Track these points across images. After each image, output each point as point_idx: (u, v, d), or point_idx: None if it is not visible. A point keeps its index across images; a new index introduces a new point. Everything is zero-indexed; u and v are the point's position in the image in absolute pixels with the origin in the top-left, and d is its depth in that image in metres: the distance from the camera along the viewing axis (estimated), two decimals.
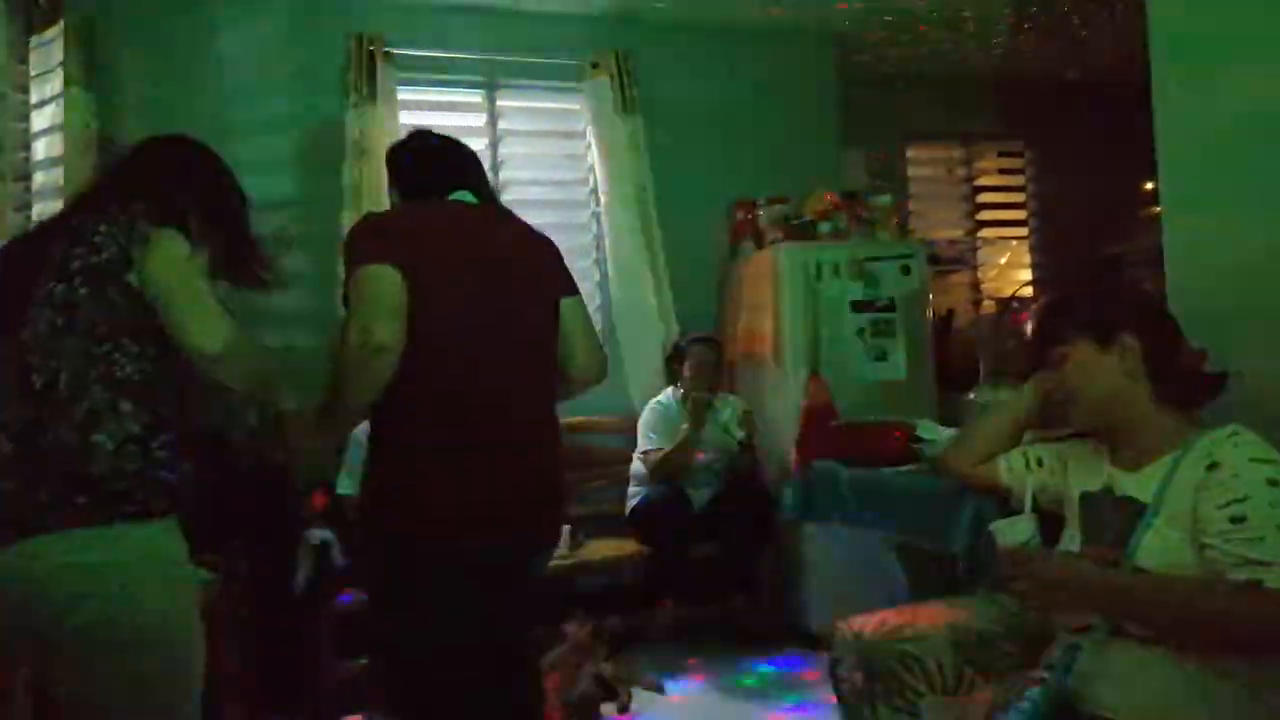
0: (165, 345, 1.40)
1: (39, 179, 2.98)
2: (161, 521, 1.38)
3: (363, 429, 1.78)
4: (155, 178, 1.53)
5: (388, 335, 1.49)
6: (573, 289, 1.77)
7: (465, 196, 1.74)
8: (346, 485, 2.97)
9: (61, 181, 2.89)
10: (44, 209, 2.96)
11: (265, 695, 2.80)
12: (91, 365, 1.35)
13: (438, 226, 1.67)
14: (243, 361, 1.44)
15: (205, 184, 1.58)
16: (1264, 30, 1.82)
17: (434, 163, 1.78)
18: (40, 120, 3.00)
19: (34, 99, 3.01)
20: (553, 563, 1.98)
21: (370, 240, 1.59)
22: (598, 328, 2.15)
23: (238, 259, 1.58)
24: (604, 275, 3.86)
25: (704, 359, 3.46)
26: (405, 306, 1.52)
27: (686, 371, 3.46)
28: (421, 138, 1.84)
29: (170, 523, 1.40)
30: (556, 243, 1.84)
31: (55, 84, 2.94)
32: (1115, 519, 1.41)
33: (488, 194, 1.80)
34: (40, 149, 2.99)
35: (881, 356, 3.54)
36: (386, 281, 1.52)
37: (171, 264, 1.39)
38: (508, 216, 1.79)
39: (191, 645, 1.40)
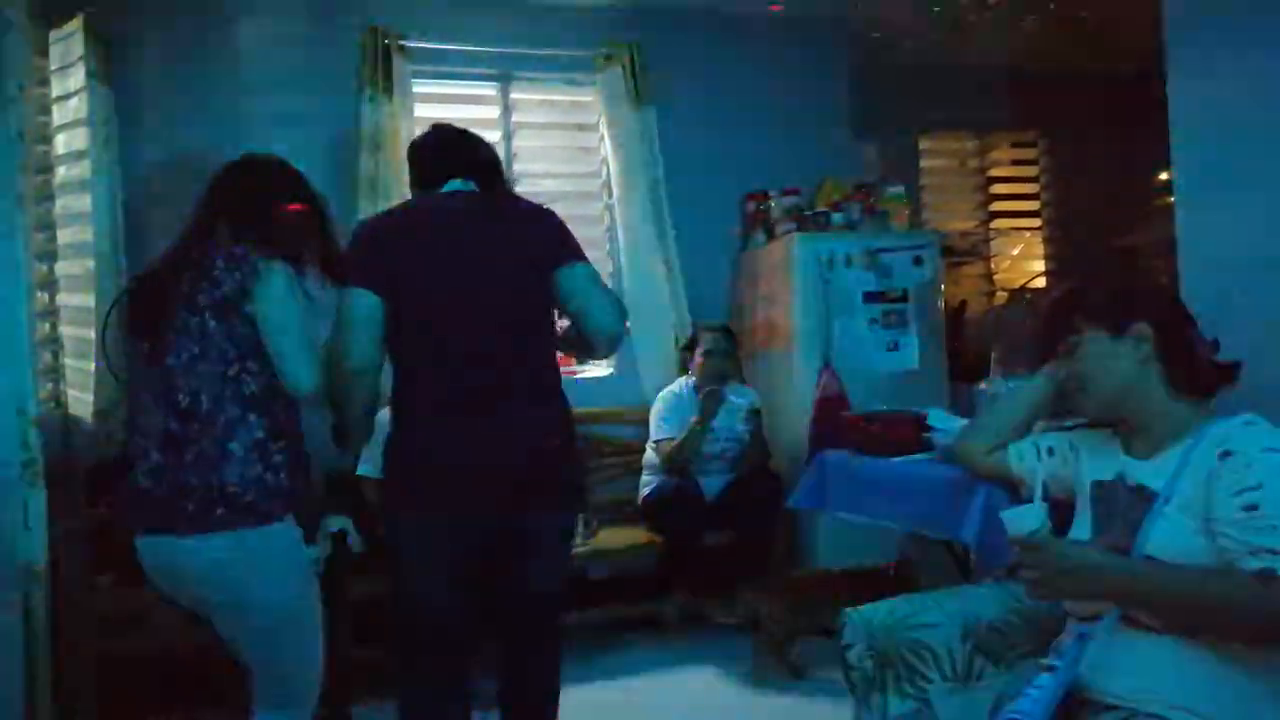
0: None
1: (61, 173, 3.01)
2: (280, 523, 1.67)
3: (385, 414, 1.90)
4: (254, 204, 1.77)
5: (358, 360, 1.72)
6: (570, 258, 1.81)
7: (456, 185, 1.85)
8: (366, 467, 3.02)
9: (88, 175, 2.92)
10: (67, 202, 2.99)
11: None
12: (225, 385, 1.65)
13: (417, 228, 1.81)
14: (326, 391, 1.74)
15: (297, 206, 1.81)
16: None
17: (433, 156, 1.90)
18: (61, 114, 3.03)
19: (55, 93, 3.04)
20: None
21: (355, 259, 1.77)
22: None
23: (329, 264, 1.83)
24: (617, 267, 3.87)
25: (716, 347, 3.47)
26: (381, 323, 1.73)
27: (699, 359, 3.47)
28: (432, 132, 1.95)
29: (287, 522, 1.69)
30: None
31: (76, 78, 2.97)
32: (1127, 508, 1.41)
33: (486, 178, 1.88)
34: (61, 143, 3.02)
35: (894, 347, 3.54)
36: (362, 307, 1.73)
37: (277, 303, 1.66)
38: (496, 199, 1.88)
39: (309, 609, 1.75)
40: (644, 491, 3.47)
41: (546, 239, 1.82)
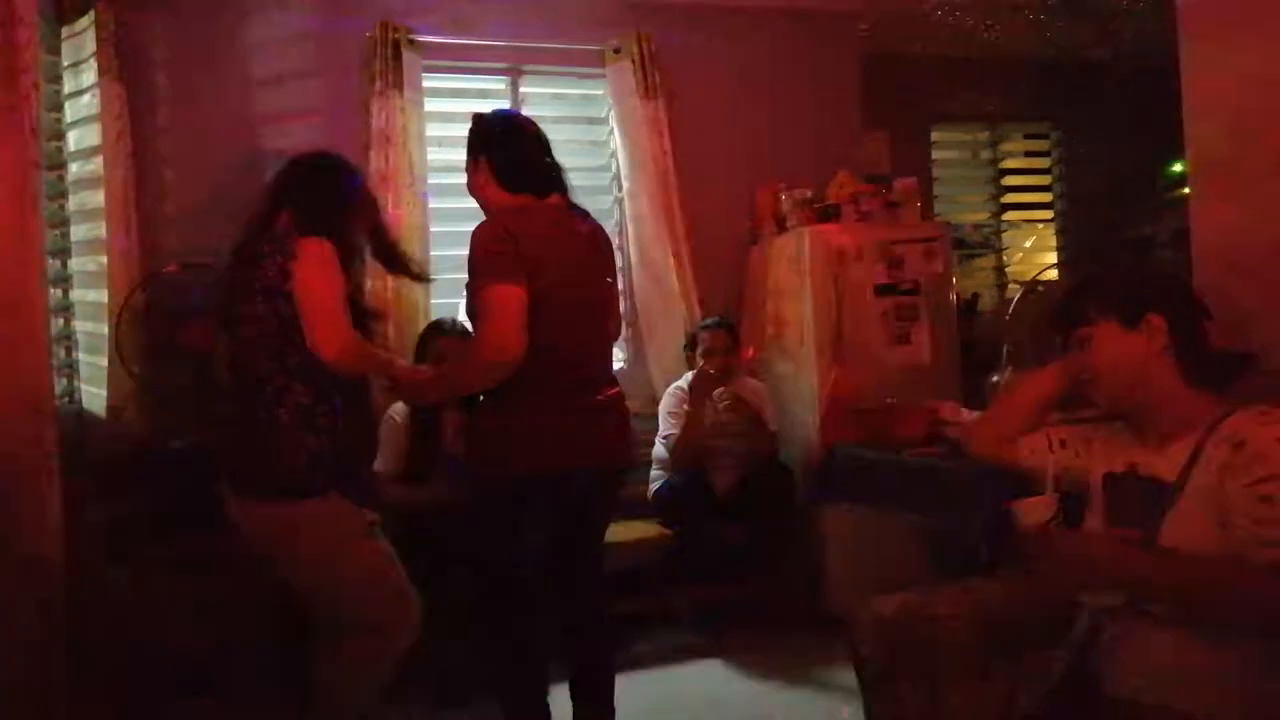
0: None
1: (74, 169, 3.03)
2: (321, 496, 1.87)
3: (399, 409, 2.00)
4: (299, 193, 1.98)
5: (518, 348, 1.88)
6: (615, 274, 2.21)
7: (557, 198, 2.09)
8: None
9: (101, 171, 2.94)
10: (82, 199, 3.01)
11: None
12: (274, 360, 1.85)
13: (547, 235, 2.00)
14: (353, 361, 1.90)
15: (339, 194, 2.02)
16: None
17: (533, 162, 2.08)
18: (74, 111, 3.04)
19: (67, 89, 3.06)
20: None
21: (499, 258, 1.91)
22: (621, 312, 2.59)
23: (386, 255, 2.15)
24: (626, 261, 3.86)
25: (713, 344, 3.46)
26: (527, 314, 1.91)
27: (699, 355, 3.47)
28: (517, 129, 2.12)
29: (333, 494, 1.89)
30: None
31: (88, 75, 2.98)
32: (1140, 499, 1.40)
33: (566, 191, 2.13)
34: (74, 139, 3.04)
35: (905, 340, 3.53)
36: (515, 300, 1.89)
37: (310, 271, 1.83)
38: (583, 216, 2.15)
39: (362, 554, 1.97)
40: (654, 486, 3.47)
41: (611, 254, 2.24)
